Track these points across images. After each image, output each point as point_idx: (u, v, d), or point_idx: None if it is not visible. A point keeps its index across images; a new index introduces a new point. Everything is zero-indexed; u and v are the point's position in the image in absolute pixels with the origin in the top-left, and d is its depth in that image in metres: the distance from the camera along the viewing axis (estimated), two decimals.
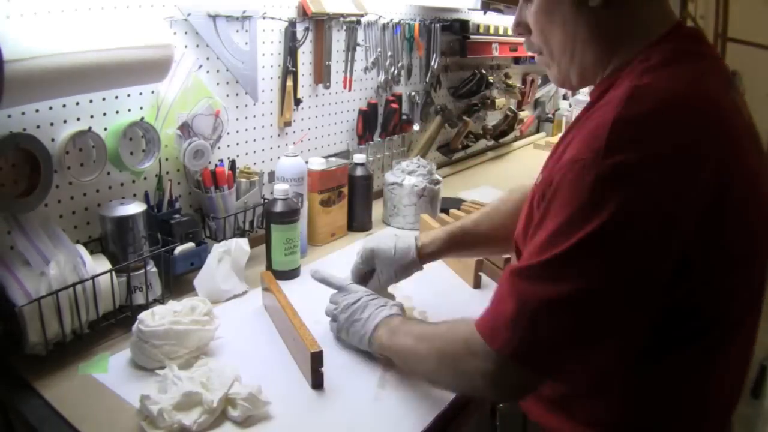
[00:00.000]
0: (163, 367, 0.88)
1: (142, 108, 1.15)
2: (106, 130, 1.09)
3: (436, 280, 1.21)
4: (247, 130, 1.39)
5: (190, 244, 1.16)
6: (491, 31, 2.17)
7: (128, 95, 1.12)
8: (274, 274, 1.15)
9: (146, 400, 0.79)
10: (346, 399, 0.88)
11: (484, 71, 2.18)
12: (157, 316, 0.93)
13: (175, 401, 0.79)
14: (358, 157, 1.54)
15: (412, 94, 1.92)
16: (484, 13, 2.03)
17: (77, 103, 1.04)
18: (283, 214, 1.22)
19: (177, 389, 0.81)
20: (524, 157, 2.53)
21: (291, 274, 1.26)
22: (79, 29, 0.95)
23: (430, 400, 0.88)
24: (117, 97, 1.10)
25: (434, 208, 1.59)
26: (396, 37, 1.73)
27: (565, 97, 2.92)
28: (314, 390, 0.89)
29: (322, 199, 1.43)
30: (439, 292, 1.21)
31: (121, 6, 1.07)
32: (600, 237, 0.59)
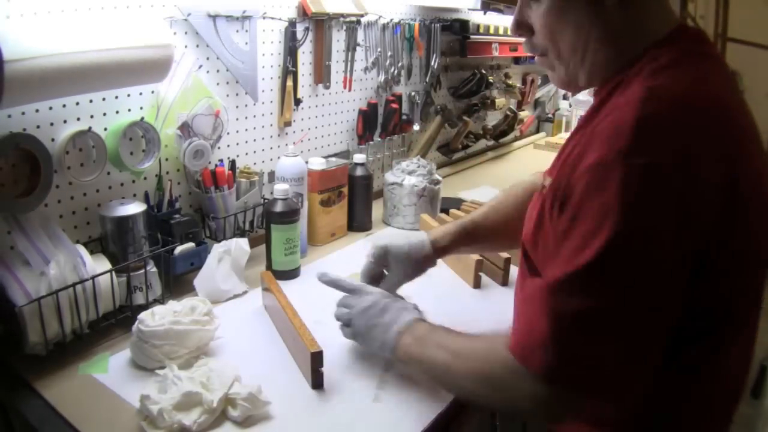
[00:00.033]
0: (163, 367, 0.88)
1: (142, 108, 1.15)
2: (106, 130, 1.09)
3: (436, 280, 1.21)
4: (247, 130, 1.39)
5: (190, 244, 1.16)
6: (491, 31, 2.17)
7: (128, 95, 1.12)
8: (274, 274, 1.15)
9: (146, 400, 0.79)
10: (346, 399, 0.88)
11: (484, 71, 2.18)
12: (157, 316, 0.94)
13: (175, 401, 0.79)
14: (358, 157, 1.55)
15: (412, 94, 1.92)
16: (484, 13, 2.04)
17: (77, 103, 1.04)
18: (283, 214, 1.22)
19: (177, 389, 0.81)
20: (524, 157, 2.53)
21: (291, 274, 1.26)
22: (79, 29, 0.95)
23: (430, 400, 0.88)
24: (117, 97, 1.10)
25: (434, 208, 1.59)
26: (396, 37, 1.73)
27: (565, 97, 2.92)
28: (314, 390, 0.90)
29: (322, 199, 1.43)
30: (440, 293, 1.22)
31: (121, 6, 1.07)
32: (631, 240, 0.59)
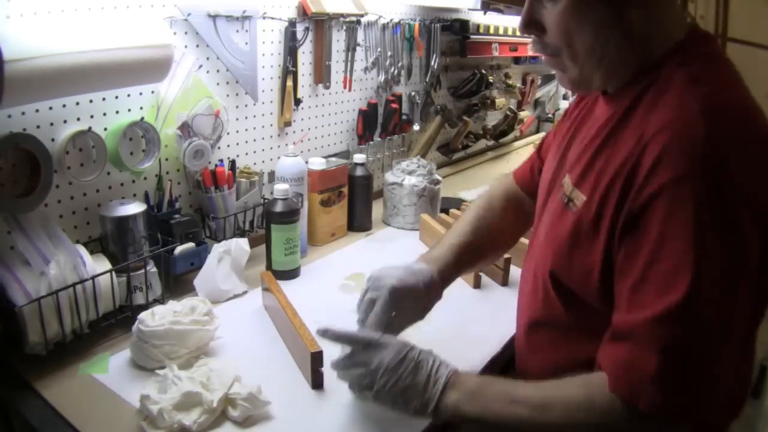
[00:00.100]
0: (163, 367, 0.88)
1: (142, 108, 1.15)
2: (106, 130, 1.09)
3: None
4: (247, 130, 1.39)
5: (190, 244, 1.16)
6: (491, 31, 2.17)
7: (128, 95, 1.12)
8: (274, 274, 1.15)
9: (146, 400, 0.79)
10: (346, 399, 0.88)
11: (484, 71, 2.18)
12: (157, 316, 0.94)
13: (175, 401, 0.79)
14: (358, 157, 1.55)
15: (412, 94, 1.92)
16: (484, 13, 2.04)
17: (77, 103, 1.04)
18: (283, 214, 1.22)
19: (177, 389, 0.81)
20: (524, 157, 2.51)
21: (291, 274, 1.27)
22: (79, 29, 0.95)
23: None
24: (117, 97, 1.10)
25: (434, 208, 1.59)
26: (396, 37, 1.73)
27: (565, 97, 2.92)
28: (314, 390, 0.89)
29: (322, 199, 1.43)
30: None
31: (121, 6, 1.07)
32: (727, 256, 0.59)
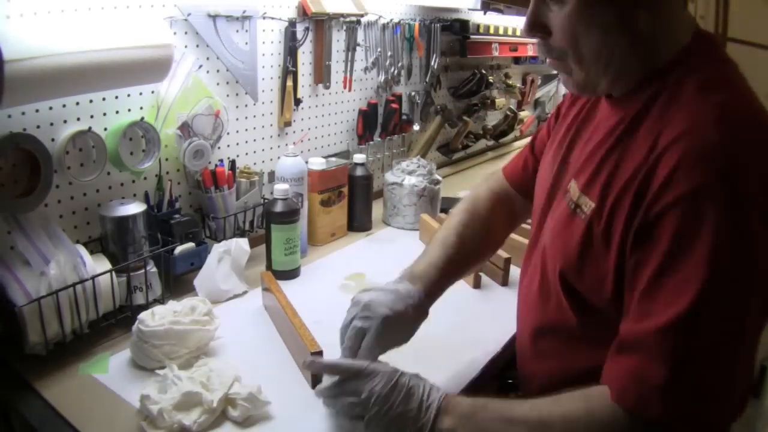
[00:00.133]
0: (163, 367, 0.88)
1: (142, 108, 1.15)
2: (106, 130, 1.09)
3: None
4: (247, 130, 1.39)
5: (190, 244, 1.16)
6: (491, 31, 2.17)
7: (128, 95, 1.12)
8: (274, 274, 1.15)
9: (146, 400, 0.79)
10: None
11: (484, 71, 2.18)
12: (157, 316, 0.94)
13: (175, 401, 0.79)
14: (358, 157, 1.55)
15: (412, 94, 1.92)
16: (484, 13, 2.04)
17: (77, 103, 1.04)
18: (283, 214, 1.22)
19: (177, 389, 0.81)
20: None
21: (291, 274, 1.26)
22: (79, 29, 0.95)
23: None
24: (117, 97, 1.10)
25: (434, 208, 1.59)
26: (396, 37, 1.73)
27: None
28: (314, 390, 0.89)
29: (322, 199, 1.43)
30: None
31: (121, 6, 1.07)
32: (741, 265, 0.59)
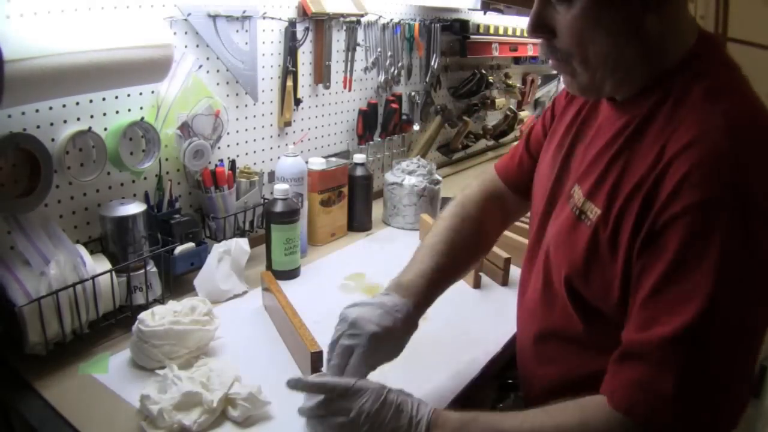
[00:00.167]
0: (163, 367, 0.88)
1: (142, 108, 1.15)
2: (106, 130, 1.09)
3: None
4: (247, 130, 1.39)
5: (190, 244, 1.16)
6: (491, 31, 2.17)
7: (128, 95, 1.12)
8: (274, 274, 1.16)
9: (146, 400, 0.79)
10: None
11: (484, 71, 2.18)
12: (157, 316, 0.94)
13: (175, 401, 0.79)
14: (358, 157, 1.55)
15: (412, 94, 1.92)
16: (484, 13, 2.04)
17: (77, 103, 1.04)
18: (283, 214, 1.22)
19: (177, 389, 0.81)
20: None
21: (291, 274, 1.27)
22: (79, 29, 0.95)
23: (429, 400, 0.87)
24: (117, 97, 1.10)
25: (434, 208, 1.59)
26: (396, 37, 1.73)
27: None
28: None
29: (322, 199, 1.43)
30: None
31: (121, 6, 1.07)
32: (749, 275, 0.59)
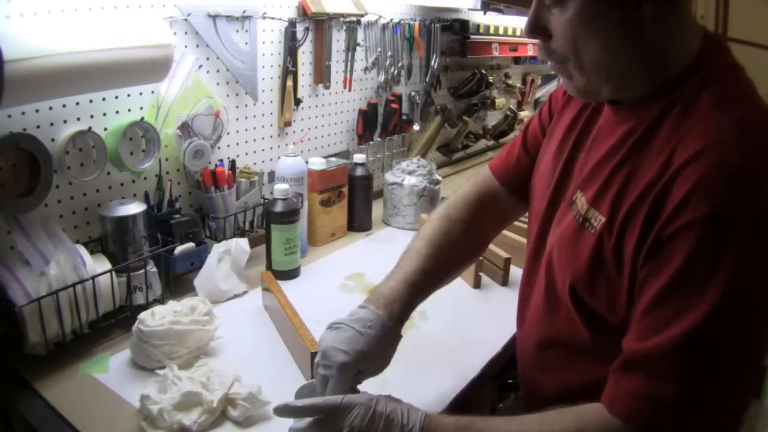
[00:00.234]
0: (163, 367, 0.88)
1: (142, 108, 1.15)
2: (106, 130, 1.09)
3: None
4: (247, 130, 1.39)
5: (190, 244, 1.16)
6: (491, 31, 2.17)
7: (128, 95, 1.12)
8: (274, 274, 1.16)
9: (146, 400, 0.79)
10: None
11: (484, 71, 2.18)
12: (157, 316, 0.94)
13: (175, 401, 0.79)
14: (358, 157, 1.55)
15: (412, 94, 1.92)
16: (484, 13, 2.04)
17: (77, 103, 1.04)
18: (283, 214, 1.22)
19: (177, 389, 0.81)
20: None
21: (291, 274, 1.27)
22: (79, 29, 0.95)
23: (429, 400, 0.88)
24: (117, 97, 1.10)
25: (434, 208, 1.59)
26: (396, 37, 1.73)
27: None
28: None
29: (322, 199, 1.43)
30: (439, 292, 1.20)
31: (121, 6, 1.07)
32: (757, 285, 0.58)
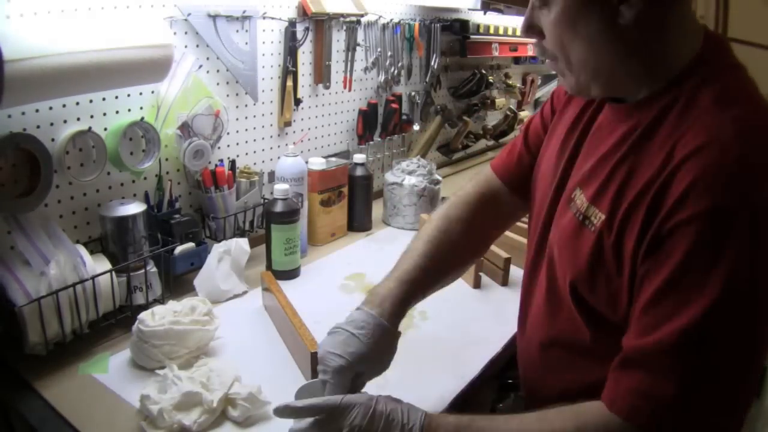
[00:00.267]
0: (163, 367, 0.88)
1: (142, 108, 1.15)
2: (106, 130, 1.09)
3: None
4: (247, 130, 1.39)
5: (190, 244, 1.16)
6: (491, 31, 2.17)
7: (128, 95, 1.12)
8: (274, 274, 1.16)
9: (146, 400, 0.79)
10: None
11: (484, 71, 2.18)
12: (157, 316, 0.94)
13: (175, 401, 0.79)
14: (358, 157, 1.55)
15: (412, 94, 1.92)
16: (484, 13, 2.04)
17: (77, 103, 1.04)
18: (283, 214, 1.22)
19: (177, 389, 0.81)
20: None
21: (291, 274, 1.27)
22: (79, 29, 0.95)
23: (429, 400, 0.88)
24: (117, 97, 1.10)
25: (434, 208, 1.59)
26: (396, 37, 1.73)
27: None
28: None
29: (322, 199, 1.43)
30: (439, 292, 1.21)
31: (121, 6, 1.07)
32: (757, 283, 0.58)
